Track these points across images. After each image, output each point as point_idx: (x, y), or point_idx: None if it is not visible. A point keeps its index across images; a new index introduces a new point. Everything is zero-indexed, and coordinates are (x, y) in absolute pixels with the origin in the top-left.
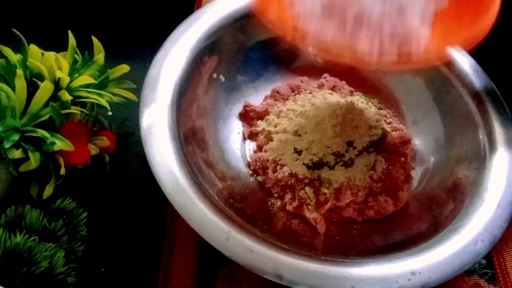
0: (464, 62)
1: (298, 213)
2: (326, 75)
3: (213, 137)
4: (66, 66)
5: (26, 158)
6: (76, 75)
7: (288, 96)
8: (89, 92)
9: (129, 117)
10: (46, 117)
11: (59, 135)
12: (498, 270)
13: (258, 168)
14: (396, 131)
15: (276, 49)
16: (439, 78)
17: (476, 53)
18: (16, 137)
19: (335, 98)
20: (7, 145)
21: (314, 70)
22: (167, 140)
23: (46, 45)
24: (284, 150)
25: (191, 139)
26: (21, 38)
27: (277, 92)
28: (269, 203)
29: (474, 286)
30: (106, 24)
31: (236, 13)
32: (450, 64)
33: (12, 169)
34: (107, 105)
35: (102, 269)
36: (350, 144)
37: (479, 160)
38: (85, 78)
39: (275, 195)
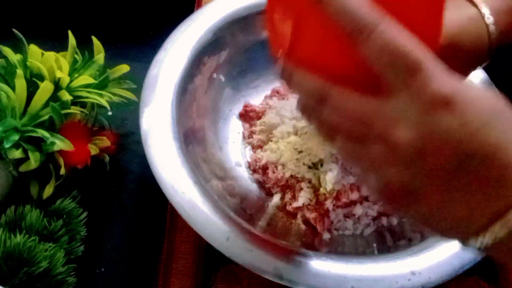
0: None
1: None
2: None
3: (213, 137)
4: (66, 66)
5: (26, 158)
6: (76, 75)
7: (288, 96)
8: (89, 92)
9: (129, 117)
10: (46, 117)
11: (59, 135)
12: (498, 270)
13: (258, 168)
14: None
15: None
16: None
17: None
18: (16, 137)
19: None
20: (7, 145)
21: None
22: (167, 140)
23: (46, 45)
24: (284, 150)
25: (191, 139)
26: (21, 38)
27: (277, 92)
28: (269, 203)
29: (474, 286)
30: (106, 24)
31: (236, 13)
32: None
33: (12, 169)
34: (107, 105)
35: (102, 269)
36: None
37: None
38: (85, 78)
39: (275, 195)
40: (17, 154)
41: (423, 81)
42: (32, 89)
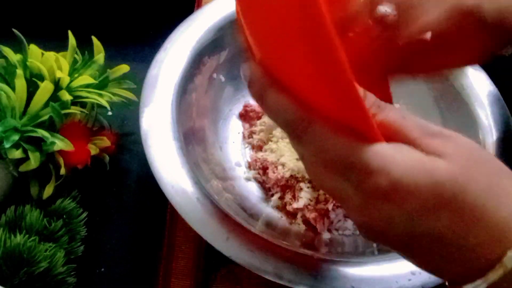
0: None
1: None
2: None
3: (213, 137)
4: (66, 66)
5: (26, 158)
6: (76, 75)
7: None
8: (89, 92)
9: (129, 117)
10: (46, 117)
11: (59, 135)
12: None
13: (258, 168)
14: None
15: None
16: (441, 80)
17: None
18: (16, 137)
19: None
20: (7, 145)
21: None
22: (167, 140)
23: (46, 45)
24: (284, 150)
25: (191, 139)
26: (21, 38)
27: None
28: (269, 203)
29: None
30: (106, 24)
31: None
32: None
33: (12, 169)
34: (107, 105)
35: (102, 269)
36: None
37: None
38: (85, 78)
39: (275, 195)
40: (17, 154)
41: (359, 178)
42: (32, 89)
